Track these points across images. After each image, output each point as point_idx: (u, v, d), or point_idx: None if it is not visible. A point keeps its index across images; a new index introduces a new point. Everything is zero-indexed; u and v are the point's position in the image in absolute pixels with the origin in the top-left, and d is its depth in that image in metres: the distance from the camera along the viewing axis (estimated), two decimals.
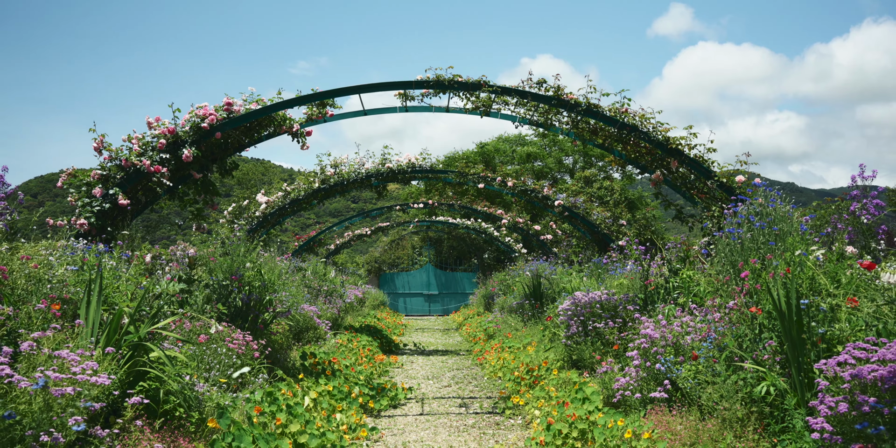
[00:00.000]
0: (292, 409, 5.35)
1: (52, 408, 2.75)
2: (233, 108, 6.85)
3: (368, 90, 7.29)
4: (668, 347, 5.09)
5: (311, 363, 7.58)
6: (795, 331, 3.80)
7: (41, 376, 2.77)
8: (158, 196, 7.27)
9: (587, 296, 7.70)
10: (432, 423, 6.57)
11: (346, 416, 6.08)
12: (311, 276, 11.94)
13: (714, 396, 4.20)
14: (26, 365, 3.03)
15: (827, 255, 4.68)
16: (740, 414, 3.95)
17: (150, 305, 4.79)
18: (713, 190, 7.04)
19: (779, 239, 4.93)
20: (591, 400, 5.55)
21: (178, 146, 6.64)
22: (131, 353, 3.93)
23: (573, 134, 7.73)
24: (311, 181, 12.25)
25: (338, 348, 9.63)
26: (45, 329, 3.38)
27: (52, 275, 4.28)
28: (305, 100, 7.18)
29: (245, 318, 6.80)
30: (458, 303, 27.72)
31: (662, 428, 4.38)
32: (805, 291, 4.20)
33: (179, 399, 4.23)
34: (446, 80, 7.27)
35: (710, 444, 3.85)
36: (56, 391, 2.77)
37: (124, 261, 5.50)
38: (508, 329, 12.28)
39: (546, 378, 7.36)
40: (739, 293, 4.60)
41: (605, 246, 12.42)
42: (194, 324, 5.69)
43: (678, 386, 4.85)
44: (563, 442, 5.21)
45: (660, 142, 7.00)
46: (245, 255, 7.73)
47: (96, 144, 6.67)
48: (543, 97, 7.21)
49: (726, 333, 4.50)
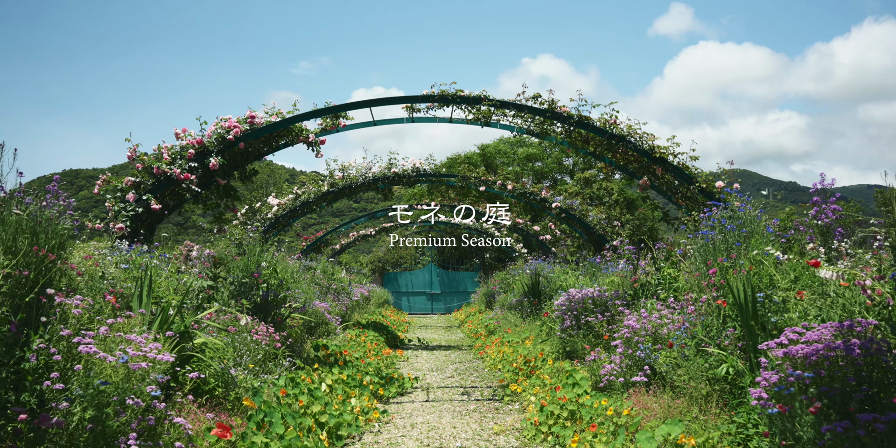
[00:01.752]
0: (313, 393, 5.98)
1: (131, 378, 3.38)
2: (255, 121, 7.48)
3: (378, 104, 7.94)
4: (647, 337, 5.71)
5: (325, 354, 8.20)
6: (751, 319, 4.43)
7: (121, 354, 3.40)
8: (184, 200, 7.91)
9: (580, 292, 8.31)
10: (437, 409, 7.19)
11: (359, 401, 6.71)
12: (320, 274, 12.58)
13: (684, 377, 4.83)
14: (103, 346, 3.66)
15: (788, 255, 5.31)
16: (704, 392, 4.57)
17: (191, 299, 5.43)
18: (695, 194, 7.66)
19: (745, 240, 5.55)
20: (581, 385, 6.18)
21: (205, 155, 7.27)
22: (178, 339, 4.57)
23: (567, 142, 8.36)
24: (320, 184, 12.88)
25: (347, 342, 10.26)
26: (113, 317, 4.01)
27: (108, 272, 4.91)
28: (321, 113, 7.82)
29: (266, 312, 7.43)
30: (460, 301, 28.34)
31: (640, 406, 5.00)
32: (763, 286, 4.82)
33: (219, 380, 4.87)
34: (450, 95, 7.91)
35: (678, 417, 4.48)
36: (133, 365, 3.40)
37: (164, 260, 6.13)
38: (508, 325, 12.90)
39: (541, 368, 7.99)
40: (708, 288, 5.23)
41: (600, 246, 13.03)
42: (220, 316, 6.32)
43: (656, 370, 5.46)
44: (554, 421, 5.84)
45: (645, 151, 7.63)
46: (260, 255, 8.35)
47: (130, 153, 7.30)
48: (538, 110, 7.86)
49: (697, 323, 5.13)
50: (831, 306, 3.95)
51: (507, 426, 6.29)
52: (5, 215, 3.65)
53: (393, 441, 5.78)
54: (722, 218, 5.98)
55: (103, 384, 3.13)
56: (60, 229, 3.94)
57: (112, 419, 3.22)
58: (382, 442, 5.75)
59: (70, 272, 4.32)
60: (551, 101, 7.79)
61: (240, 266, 7.84)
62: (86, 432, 3.16)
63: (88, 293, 4.65)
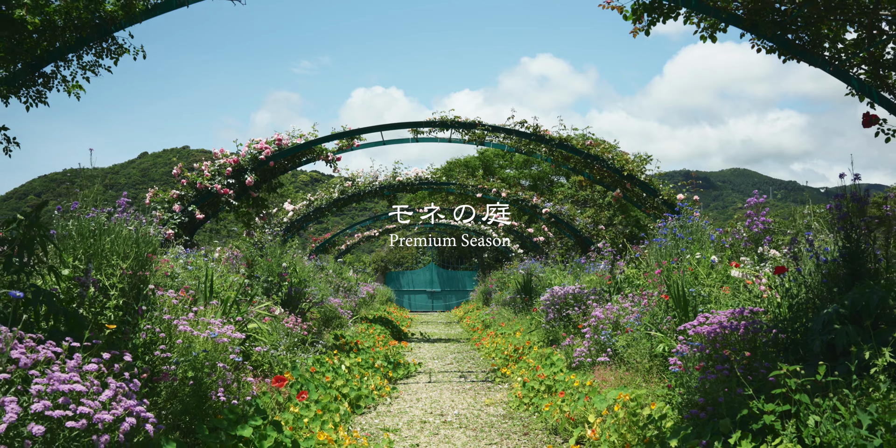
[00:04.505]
0: (336, 371, 7.26)
1: (218, 349, 4.65)
2: (282, 142, 8.75)
3: (388, 128, 9.22)
4: (609, 325, 6.99)
5: (342, 343, 9.48)
6: (683, 309, 5.70)
7: (210, 332, 4.67)
8: (219, 210, 9.18)
9: (563, 289, 9.58)
10: (438, 388, 8.47)
11: (372, 380, 7.99)
12: (332, 274, 13.86)
13: (635, 356, 6.10)
14: (193, 326, 4.93)
15: (721, 258, 6.57)
16: (647, 366, 5.84)
17: (243, 293, 6.70)
18: (660, 205, 8.92)
19: (689, 246, 6.82)
20: (557, 365, 7.46)
21: (241, 173, 8.55)
22: (237, 324, 5.84)
23: (550, 159, 9.64)
24: (331, 192, 14.16)
25: (358, 334, 11.53)
26: (194, 306, 5.28)
27: (177, 272, 6.18)
28: (339, 136, 9.09)
29: (292, 305, 8.70)
30: (459, 299, 29.61)
31: (601, 379, 6.27)
32: (696, 283, 6.09)
33: (265, 357, 6.15)
34: (448, 121, 9.19)
35: (626, 385, 5.75)
36: (219, 340, 4.67)
37: (215, 261, 7.40)
38: (502, 319, 14.17)
39: (528, 354, 9.26)
40: (656, 285, 6.50)
41: (586, 247, 14.29)
42: (258, 307, 7.59)
43: (616, 352, 6.74)
44: (535, 394, 7.12)
45: (617, 169, 8.91)
46: (281, 257, 9.62)
47: (177, 170, 8.57)
48: (525, 134, 9.14)
49: (646, 313, 6.40)
50: (734, 297, 5.23)
51: (497, 400, 7.57)
52: (119, 230, 4.92)
53: (402, 410, 7.06)
54: (674, 227, 7.25)
55: (204, 352, 4.40)
56: (154, 240, 5.21)
57: (206, 377, 4.50)
58: (394, 411, 7.03)
59: (159, 272, 5.60)
60: (535, 125, 9.07)
61: (264, 266, 9.11)
62: (188, 387, 4.44)
63: (167, 288, 5.92)
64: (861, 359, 3.50)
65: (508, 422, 6.54)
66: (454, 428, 6.26)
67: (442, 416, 6.76)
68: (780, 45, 4.20)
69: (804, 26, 4.07)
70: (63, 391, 2.75)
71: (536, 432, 6.10)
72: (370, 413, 6.93)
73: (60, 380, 2.79)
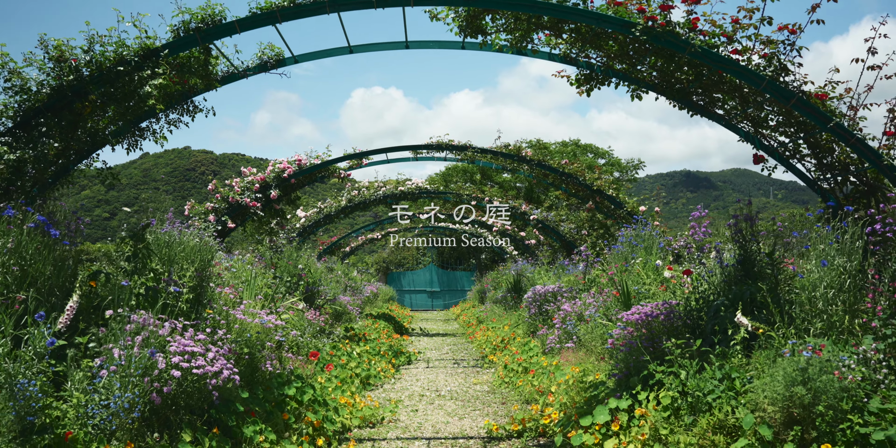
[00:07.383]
0: (350, 355, 8.76)
1: (265, 332, 6.15)
2: (301, 162, 10.26)
3: (392, 151, 10.74)
4: (575, 317, 8.48)
5: (351, 334, 10.98)
6: (626, 303, 7.19)
7: (260, 320, 6.17)
8: (246, 220, 10.68)
9: (544, 288, 11.07)
10: (434, 372, 9.97)
11: (379, 364, 9.49)
12: (340, 274, 15.37)
13: (591, 341, 7.59)
14: (246, 315, 6.43)
15: (665, 262, 8.06)
16: (599, 349, 7.34)
17: (277, 290, 8.21)
18: (625, 215, 10.42)
19: (639, 252, 8.31)
20: (533, 350, 8.95)
21: (266, 188, 10.05)
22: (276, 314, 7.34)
23: (532, 176, 11.12)
24: (339, 200, 15.65)
25: (365, 328, 13.04)
26: (242, 299, 6.77)
27: (222, 273, 7.67)
28: (350, 157, 10.61)
29: (310, 301, 10.20)
30: (457, 298, 31.10)
31: (565, 360, 7.77)
32: (640, 282, 7.58)
33: (294, 342, 7.66)
34: (444, 144, 10.72)
35: (582, 362, 7.25)
36: (266, 326, 6.17)
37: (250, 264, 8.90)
38: (494, 316, 15.67)
39: (512, 343, 10.76)
40: (610, 284, 8.00)
41: (571, 251, 15.78)
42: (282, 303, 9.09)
43: (579, 338, 8.23)
44: (514, 374, 8.61)
45: (587, 185, 10.41)
46: (297, 260, 11.12)
47: (211, 186, 10.07)
48: (509, 155, 10.66)
49: (601, 307, 7.90)
50: (667, 293, 6.72)
51: (483, 380, 9.07)
52: (188, 241, 6.42)
53: (404, 387, 8.56)
54: (630, 236, 8.74)
55: (257, 333, 5.91)
56: (213, 248, 6.71)
57: (258, 353, 6.01)
58: (397, 388, 8.53)
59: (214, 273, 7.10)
60: (518, 147, 10.57)
61: (284, 268, 10.60)
62: (244, 360, 5.94)
63: (218, 286, 7.41)
64: (726, 335, 5.00)
65: (491, 395, 8.04)
66: (447, 399, 7.77)
67: (437, 392, 8.26)
68: (686, 105, 5.68)
69: (702, 92, 5.54)
70: (188, 351, 4.26)
71: (512, 402, 7.60)
72: (378, 389, 8.44)
73: (184, 344, 4.30)
